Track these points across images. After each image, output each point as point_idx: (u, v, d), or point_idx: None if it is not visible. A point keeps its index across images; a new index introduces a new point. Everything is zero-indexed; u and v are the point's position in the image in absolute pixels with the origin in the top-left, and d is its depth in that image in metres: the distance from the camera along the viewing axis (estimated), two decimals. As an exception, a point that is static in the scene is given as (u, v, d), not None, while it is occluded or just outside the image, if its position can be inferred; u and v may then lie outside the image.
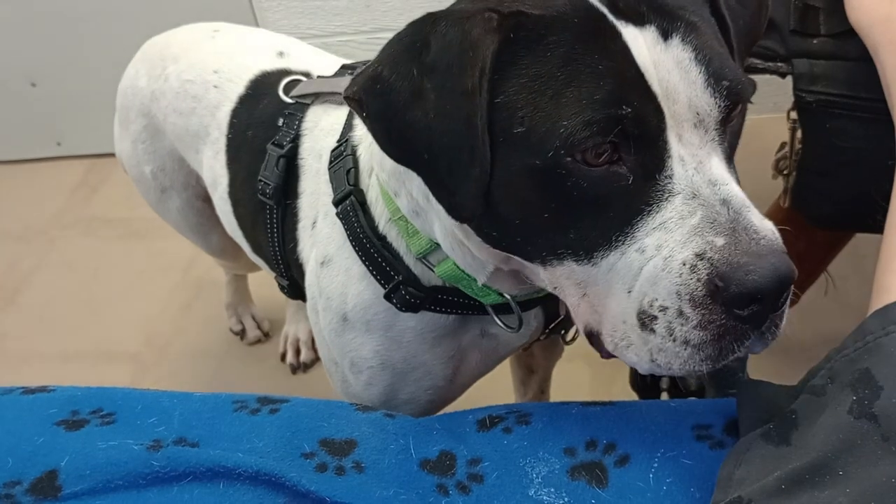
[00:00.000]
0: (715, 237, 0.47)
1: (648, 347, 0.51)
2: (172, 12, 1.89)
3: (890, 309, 0.51)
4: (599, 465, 0.58)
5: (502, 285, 0.66)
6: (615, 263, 0.50)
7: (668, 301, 0.48)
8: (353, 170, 0.70)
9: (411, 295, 0.67)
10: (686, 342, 0.49)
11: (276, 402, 0.66)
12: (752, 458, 0.50)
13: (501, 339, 0.73)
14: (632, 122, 0.48)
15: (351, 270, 0.70)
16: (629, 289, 0.50)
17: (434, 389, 0.74)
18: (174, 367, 1.53)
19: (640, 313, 0.50)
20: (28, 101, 2.08)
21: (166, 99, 0.99)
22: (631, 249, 0.49)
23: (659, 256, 0.48)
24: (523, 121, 0.50)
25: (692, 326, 0.48)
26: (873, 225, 0.70)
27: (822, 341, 0.56)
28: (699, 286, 0.47)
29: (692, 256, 0.47)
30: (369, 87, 0.53)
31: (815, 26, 0.71)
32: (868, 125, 0.68)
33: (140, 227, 1.89)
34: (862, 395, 0.47)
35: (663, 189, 0.49)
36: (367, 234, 0.67)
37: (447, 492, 0.59)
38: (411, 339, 0.70)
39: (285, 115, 0.81)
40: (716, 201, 0.48)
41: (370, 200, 0.69)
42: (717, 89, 0.50)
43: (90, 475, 0.58)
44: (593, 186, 0.49)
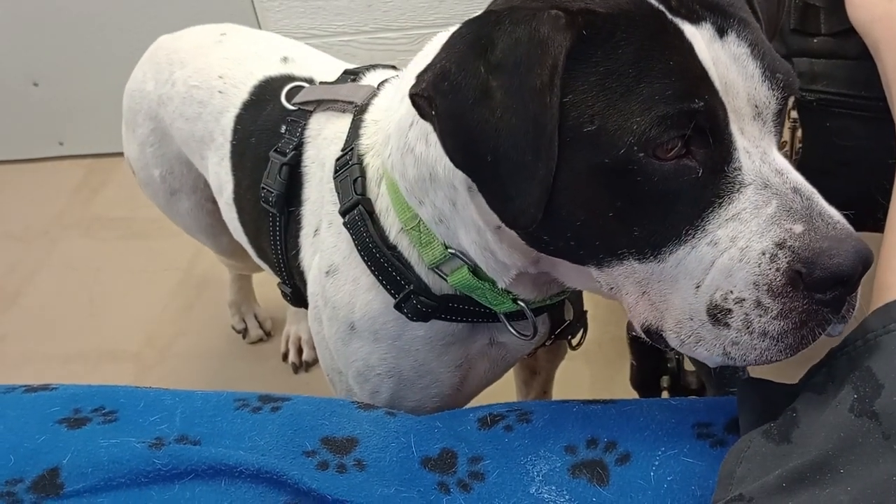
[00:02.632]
0: (793, 225, 0.48)
1: (721, 342, 0.50)
2: (173, 13, 1.90)
3: (891, 307, 0.51)
4: (600, 463, 0.58)
5: (522, 290, 0.65)
6: (684, 258, 0.50)
7: (745, 293, 0.48)
8: (360, 178, 0.69)
9: (423, 304, 0.66)
10: (764, 333, 0.49)
11: (277, 400, 0.66)
12: (753, 457, 0.50)
13: (510, 348, 0.73)
14: (703, 115, 0.49)
15: (359, 280, 0.70)
16: (697, 283, 0.50)
17: (441, 397, 0.74)
18: (176, 367, 1.53)
19: (711, 307, 0.50)
20: (30, 101, 2.08)
21: (173, 104, 0.99)
22: (702, 243, 0.49)
23: (735, 248, 0.48)
24: (594, 119, 0.49)
25: (772, 317, 0.48)
26: (874, 224, 0.70)
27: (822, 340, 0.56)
28: (779, 275, 0.47)
29: (772, 246, 0.47)
30: (438, 85, 0.52)
31: (816, 25, 0.71)
32: (868, 124, 0.68)
33: (141, 227, 1.89)
34: (863, 393, 0.47)
35: (733, 181, 0.49)
36: (377, 243, 0.67)
37: (448, 490, 0.59)
38: (420, 347, 0.70)
39: (288, 123, 0.80)
40: (787, 189, 0.49)
41: (380, 210, 0.68)
42: (773, 82, 0.51)
43: (92, 473, 0.59)
44: (664, 181, 0.49)
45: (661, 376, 1.01)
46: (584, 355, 1.43)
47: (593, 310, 0.82)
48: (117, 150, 2.13)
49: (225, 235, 1.13)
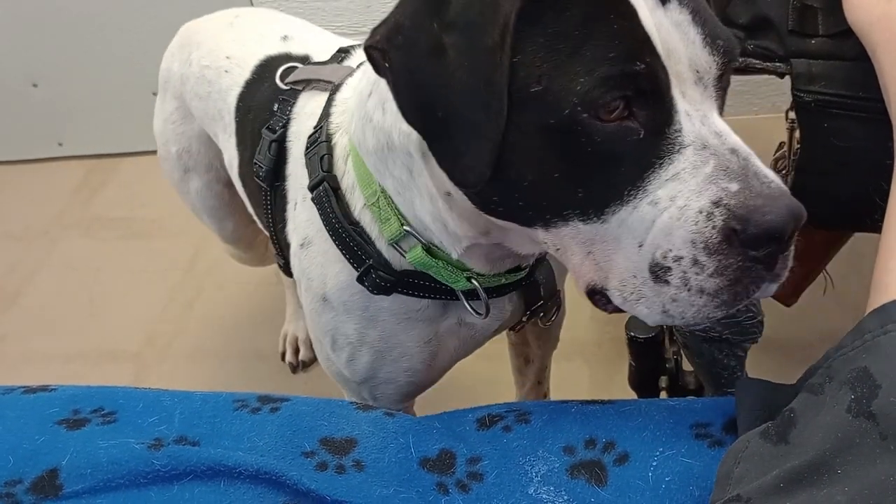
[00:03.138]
0: (729, 184, 0.49)
1: (661, 299, 0.52)
2: (173, 13, 1.89)
3: (888, 307, 0.52)
4: (599, 463, 0.58)
5: (475, 263, 0.67)
6: (626, 218, 0.51)
7: (683, 251, 0.49)
8: (328, 156, 0.71)
9: (381, 279, 0.68)
10: (701, 290, 0.50)
11: (276, 400, 0.66)
12: (751, 457, 0.51)
13: (478, 327, 0.76)
14: (644, 78, 0.50)
15: (328, 253, 0.72)
16: (640, 242, 0.51)
17: (412, 372, 0.76)
18: (175, 367, 1.53)
19: (653, 266, 0.51)
20: (29, 102, 2.08)
21: (190, 83, 1.04)
22: (643, 203, 0.51)
23: (674, 206, 0.50)
24: (541, 79, 0.50)
25: (708, 274, 0.49)
26: (872, 224, 0.70)
27: (820, 340, 0.57)
28: (714, 233, 0.49)
29: (708, 204, 0.49)
30: (392, 38, 0.53)
31: (814, 26, 0.71)
32: (866, 125, 0.68)
33: (141, 227, 1.89)
34: (860, 394, 0.47)
35: (674, 142, 0.51)
36: (340, 219, 0.69)
37: (447, 490, 0.59)
38: (386, 318, 0.73)
39: (279, 101, 0.83)
40: (725, 150, 0.50)
41: (345, 186, 0.70)
42: (713, 48, 0.53)
43: (91, 474, 0.59)
44: (607, 142, 0.50)
45: (660, 376, 1.01)
46: (583, 356, 1.43)
47: (592, 311, 0.82)
48: (117, 151, 2.15)
49: (230, 220, 1.17)
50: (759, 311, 0.76)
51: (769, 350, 0.95)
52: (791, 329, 1.21)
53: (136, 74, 2.02)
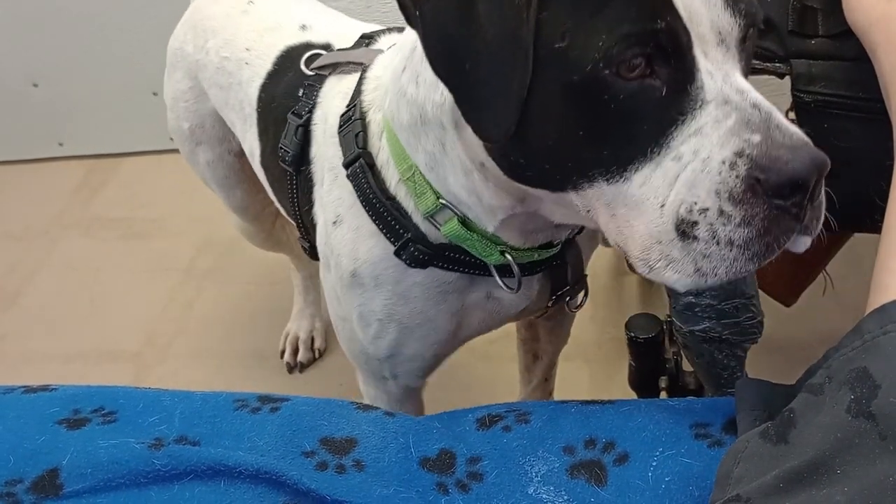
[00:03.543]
0: (751, 135, 0.49)
1: (692, 257, 0.51)
2: (173, 14, 1.89)
3: (888, 308, 0.52)
4: (598, 463, 0.59)
5: (510, 236, 0.68)
6: (650, 175, 0.52)
7: (708, 201, 0.50)
8: (362, 133, 0.72)
9: (420, 252, 0.69)
10: (731, 242, 0.50)
11: (276, 400, 0.67)
12: (751, 457, 0.51)
13: (505, 303, 0.76)
14: (665, 35, 0.50)
15: (361, 229, 0.73)
16: (662, 202, 0.51)
17: (438, 344, 0.78)
18: (175, 367, 1.54)
19: (679, 223, 0.51)
20: (29, 102, 2.08)
21: (208, 71, 1.05)
22: (667, 159, 0.51)
23: (697, 160, 0.50)
24: (564, 36, 0.51)
25: (736, 224, 0.49)
26: (871, 225, 0.70)
27: (820, 341, 0.57)
28: (739, 182, 0.49)
29: (731, 155, 0.49)
30: None
31: (814, 27, 0.71)
32: (866, 125, 0.68)
33: (142, 227, 1.89)
34: (860, 394, 0.47)
35: (696, 98, 0.51)
36: (377, 194, 0.70)
37: (447, 490, 0.59)
38: (418, 294, 0.73)
39: (305, 87, 0.84)
40: (747, 105, 0.51)
41: (380, 163, 0.71)
42: (735, 10, 0.53)
43: (91, 474, 0.59)
44: (629, 99, 0.51)
45: (660, 377, 1.01)
46: (583, 356, 1.43)
47: (592, 311, 0.83)
48: (117, 151, 2.15)
49: (239, 189, 1.18)
50: (758, 311, 0.76)
51: (769, 350, 0.95)
52: (791, 329, 1.22)
53: (136, 74, 2.03)
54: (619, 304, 1.51)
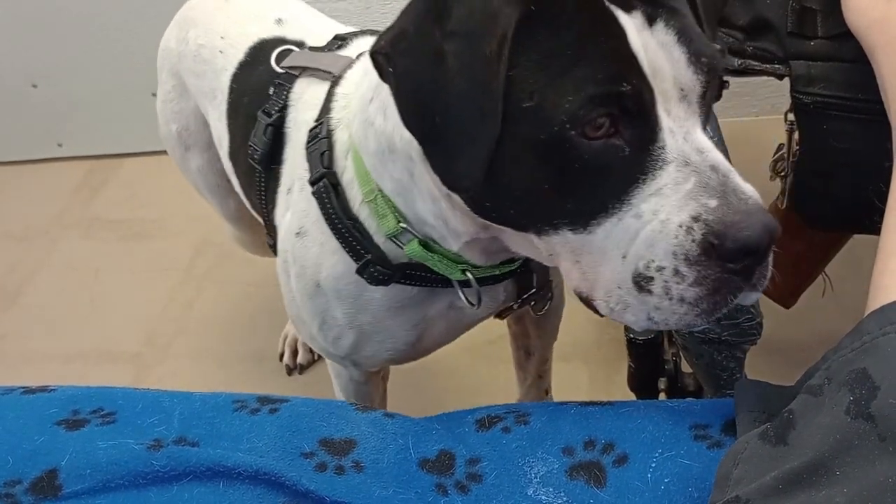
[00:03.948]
0: (708, 199, 0.51)
1: (646, 308, 0.54)
2: (173, 14, 1.89)
3: (887, 309, 0.52)
4: (598, 464, 0.59)
5: (473, 255, 0.70)
6: (611, 230, 0.54)
7: (664, 262, 0.52)
8: (328, 152, 0.73)
9: (380, 273, 0.71)
10: (682, 299, 0.52)
11: (275, 401, 0.67)
12: (750, 458, 0.51)
13: (467, 312, 0.78)
14: (629, 98, 0.52)
15: (325, 245, 0.75)
16: (624, 254, 0.54)
17: (394, 351, 0.81)
18: (175, 367, 1.54)
19: (636, 276, 0.53)
20: (29, 103, 2.08)
21: (187, 61, 1.05)
22: (628, 216, 0.53)
23: (656, 220, 0.52)
24: (533, 95, 0.52)
25: (688, 284, 0.52)
26: (870, 226, 0.70)
27: (819, 342, 0.57)
28: (694, 246, 0.51)
29: (688, 219, 0.51)
30: (396, 44, 0.55)
31: (813, 28, 0.71)
32: (865, 126, 0.68)
33: (141, 227, 1.89)
34: (859, 396, 0.47)
35: (657, 158, 0.53)
36: (339, 214, 0.72)
37: (446, 491, 0.59)
38: (377, 307, 0.76)
39: (275, 85, 0.84)
40: (706, 167, 0.52)
41: (345, 182, 0.72)
42: (697, 66, 0.55)
43: (90, 474, 0.59)
44: (593, 158, 0.53)
45: (659, 378, 1.01)
46: (582, 357, 1.43)
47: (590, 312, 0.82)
48: (117, 151, 2.15)
49: (232, 198, 1.17)
50: (757, 312, 0.76)
51: (768, 352, 0.95)
52: (790, 331, 1.22)
53: (136, 75, 2.03)
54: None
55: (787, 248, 0.93)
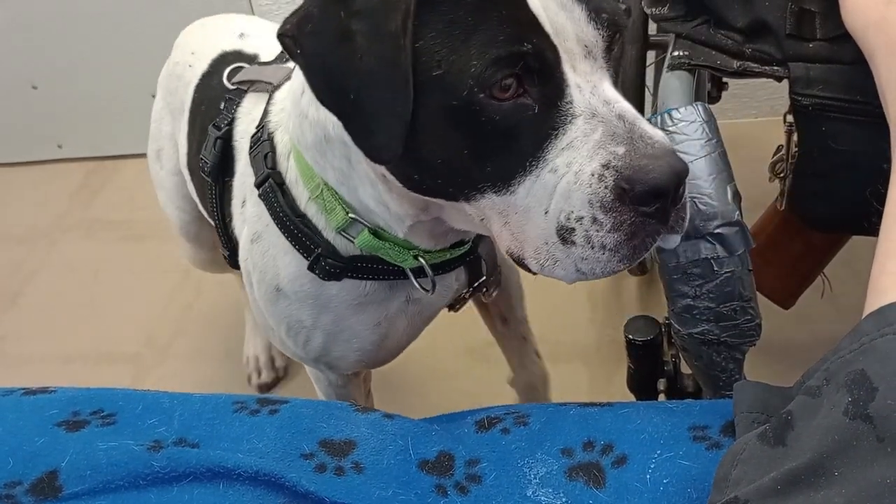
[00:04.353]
0: (616, 147, 0.53)
1: (572, 260, 0.56)
2: (173, 14, 1.90)
3: (885, 311, 0.52)
4: (597, 465, 0.59)
5: (420, 240, 0.72)
6: (532, 188, 0.56)
7: (582, 211, 0.54)
8: (271, 154, 0.75)
9: (331, 266, 0.73)
10: (604, 246, 0.55)
11: (275, 402, 0.67)
12: (749, 459, 0.51)
13: (425, 303, 0.81)
14: (532, 57, 0.54)
15: (278, 245, 0.76)
16: (546, 209, 0.56)
17: (362, 352, 0.82)
18: (175, 368, 1.54)
19: (560, 229, 0.56)
20: (29, 104, 2.09)
21: (166, 81, 1.11)
22: (544, 171, 0.55)
23: (570, 172, 0.54)
24: (440, 64, 0.54)
25: (607, 230, 0.54)
26: (869, 227, 0.70)
27: (818, 343, 0.57)
28: (607, 192, 0.53)
29: (599, 167, 0.53)
30: (302, 26, 0.57)
31: (812, 30, 0.71)
32: (864, 128, 0.69)
33: (141, 229, 1.90)
34: (857, 397, 0.47)
35: (566, 114, 0.55)
36: (287, 212, 0.73)
37: (446, 492, 0.59)
38: (337, 304, 0.77)
39: (226, 100, 0.87)
40: (613, 117, 0.55)
41: (289, 181, 0.74)
42: (598, 22, 0.57)
43: (91, 476, 0.59)
44: (504, 119, 0.55)
45: (658, 379, 1.01)
46: (582, 359, 1.43)
47: (591, 314, 0.83)
48: (117, 153, 2.16)
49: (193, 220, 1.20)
50: (756, 314, 0.76)
51: (767, 353, 0.95)
52: (789, 332, 1.22)
53: (135, 77, 2.03)
54: (617, 306, 1.51)
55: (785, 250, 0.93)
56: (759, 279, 0.80)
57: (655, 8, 0.80)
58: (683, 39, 0.79)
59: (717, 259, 0.72)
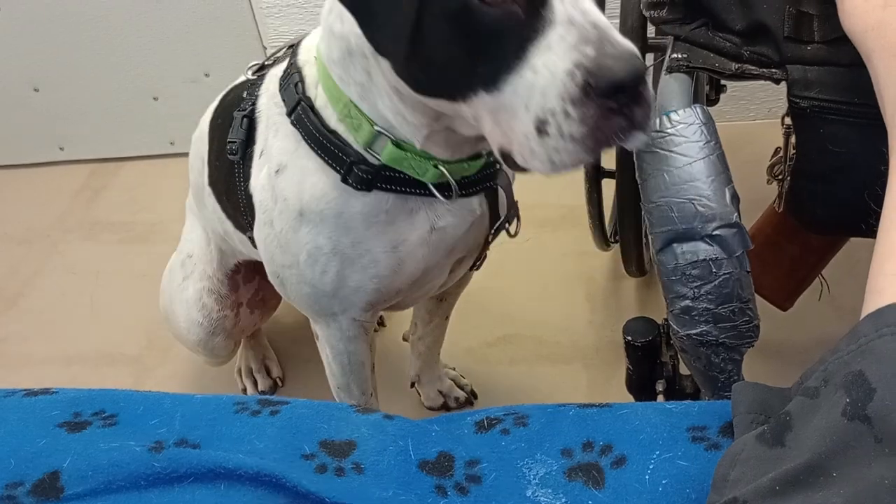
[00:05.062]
0: (587, 49, 0.60)
1: (546, 151, 0.62)
2: (175, 19, 1.90)
3: (883, 312, 0.52)
4: (596, 466, 0.59)
5: (437, 150, 0.78)
6: (516, 86, 0.62)
7: (555, 104, 0.60)
8: (300, 83, 0.82)
9: (363, 171, 0.79)
10: (573, 137, 0.61)
11: (276, 403, 0.67)
12: (747, 460, 0.51)
13: (448, 232, 0.86)
14: None
15: (306, 167, 0.82)
16: (526, 105, 0.62)
17: (379, 278, 0.86)
18: (175, 370, 1.54)
19: (537, 123, 0.62)
20: (31, 106, 2.09)
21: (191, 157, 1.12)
22: (527, 71, 0.61)
23: (547, 71, 0.61)
24: None
25: (575, 122, 0.60)
26: (867, 229, 0.71)
27: (816, 345, 0.57)
28: (576, 88, 0.59)
29: (571, 66, 0.60)
30: None
31: (810, 33, 0.71)
32: (861, 130, 0.69)
33: (141, 231, 1.90)
34: (855, 397, 0.47)
35: (547, 20, 0.61)
36: (320, 128, 0.80)
37: (446, 492, 0.59)
38: (358, 224, 0.83)
39: (248, 88, 0.92)
40: (587, 24, 0.61)
41: (318, 107, 0.81)
42: None
43: (92, 476, 0.59)
44: (494, 22, 0.61)
45: (657, 380, 1.01)
46: (581, 360, 1.44)
47: (591, 315, 0.83)
48: (118, 155, 2.16)
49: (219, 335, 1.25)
50: (755, 315, 0.76)
51: (765, 354, 0.96)
52: (787, 333, 1.22)
53: (137, 79, 2.03)
54: (616, 308, 1.52)
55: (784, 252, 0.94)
56: (758, 281, 0.80)
57: (654, 11, 0.80)
58: (682, 42, 0.79)
59: (715, 260, 0.73)
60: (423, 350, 1.32)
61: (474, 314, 1.51)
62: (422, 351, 1.32)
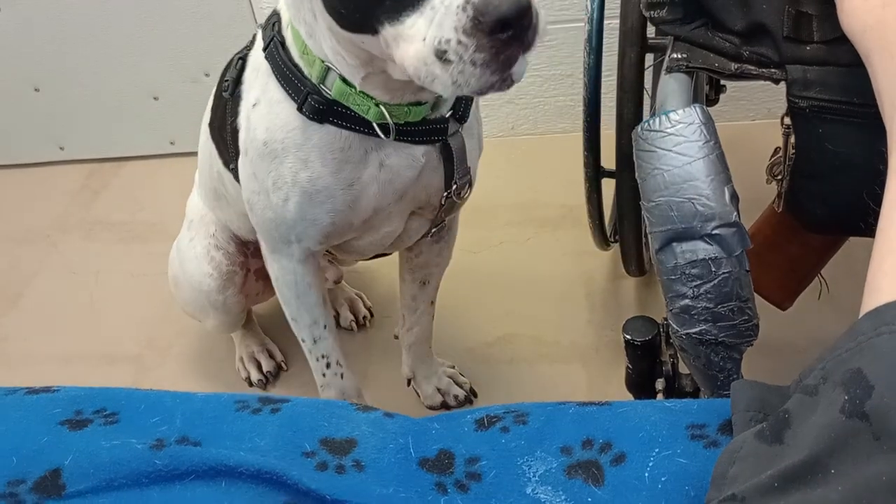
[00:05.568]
0: None
1: (449, 73, 0.68)
2: (174, 18, 1.90)
3: (881, 310, 0.52)
4: (596, 463, 0.59)
5: (377, 92, 0.85)
6: (416, 20, 0.68)
7: (450, 35, 0.66)
8: (277, 23, 0.91)
9: (316, 101, 0.87)
10: (473, 62, 0.67)
11: (277, 402, 0.67)
12: (746, 457, 0.51)
13: (395, 171, 0.93)
14: None
15: (273, 98, 0.90)
16: (424, 37, 0.68)
17: (335, 213, 0.95)
18: (176, 369, 1.54)
19: (437, 51, 0.68)
20: (31, 106, 2.09)
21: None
22: (426, 8, 0.67)
23: (443, 6, 0.66)
24: None
25: (473, 51, 0.66)
26: (866, 229, 0.71)
27: (815, 344, 0.57)
28: (467, 21, 0.65)
29: (462, 2, 0.65)
30: None
31: (809, 33, 0.71)
32: (860, 130, 0.69)
33: (141, 230, 1.90)
34: (854, 395, 0.48)
35: None
36: (285, 61, 0.88)
37: (446, 490, 0.59)
38: (316, 159, 0.91)
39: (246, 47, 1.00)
40: None
41: (288, 44, 0.89)
42: None
43: (94, 474, 0.59)
44: None
45: (656, 379, 1.01)
46: (581, 359, 1.44)
47: (590, 314, 0.83)
48: (118, 155, 2.16)
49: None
50: (754, 314, 0.77)
51: (764, 353, 0.96)
52: (786, 332, 1.22)
53: (137, 79, 2.03)
54: (616, 307, 1.52)
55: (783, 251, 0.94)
56: (757, 280, 0.80)
57: (654, 11, 0.81)
58: (681, 42, 0.80)
59: (714, 260, 0.73)
60: (412, 341, 1.34)
61: (474, 313, 1.51)
62: (411, 342, 1.34)
